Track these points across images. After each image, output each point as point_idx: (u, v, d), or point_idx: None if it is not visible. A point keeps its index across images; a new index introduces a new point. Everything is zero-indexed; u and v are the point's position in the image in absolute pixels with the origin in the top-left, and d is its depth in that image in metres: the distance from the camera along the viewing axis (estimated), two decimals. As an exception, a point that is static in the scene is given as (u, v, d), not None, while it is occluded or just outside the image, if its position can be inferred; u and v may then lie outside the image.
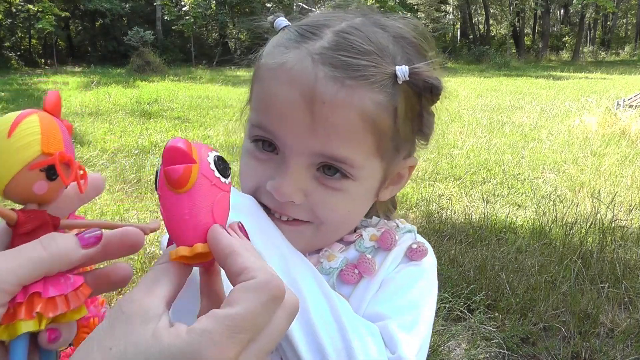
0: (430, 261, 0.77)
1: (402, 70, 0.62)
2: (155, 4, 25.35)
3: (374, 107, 0.62)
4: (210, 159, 0.42)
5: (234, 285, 0.39)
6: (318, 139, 0.62)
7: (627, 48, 36.49)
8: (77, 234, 0.42)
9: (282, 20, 0.73)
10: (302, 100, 0.61)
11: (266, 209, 0.68)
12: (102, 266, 0.48)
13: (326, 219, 0.67)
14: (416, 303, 0.70)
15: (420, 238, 0.80)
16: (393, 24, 0.68)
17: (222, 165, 0.43)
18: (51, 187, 0.42)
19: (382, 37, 0.65)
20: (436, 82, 0.64)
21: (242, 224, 0.45)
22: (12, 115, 0.42)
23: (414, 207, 4.51)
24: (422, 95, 0.66)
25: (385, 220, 0.80)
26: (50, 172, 0.42)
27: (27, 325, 0.40)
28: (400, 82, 0.63)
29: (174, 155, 0.41)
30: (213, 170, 0.42)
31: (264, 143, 0.67)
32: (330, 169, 0.65)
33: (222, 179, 0.43)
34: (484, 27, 38.34)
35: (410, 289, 0.71)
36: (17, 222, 0.42)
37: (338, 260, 0.72)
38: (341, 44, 0.63)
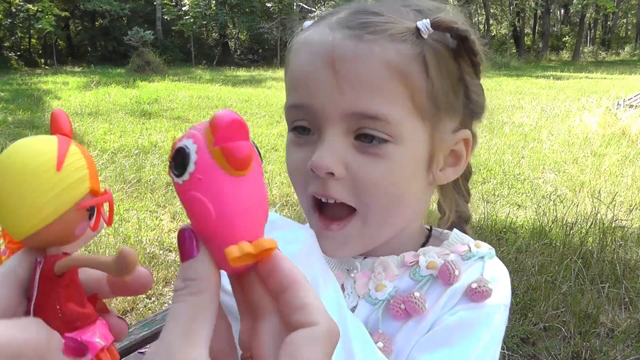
0: (496, 302, 0.63)
1: (424, 23, 0.59)
2: (155, 3, 25.35)
3: (399, 56, 0.58)
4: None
5: (287, 318, 0.34)
6: (346, 98, 0.58)
7: (627, 48, 36.48)
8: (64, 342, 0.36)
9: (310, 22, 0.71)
10: (324, 64, 0.59)
11: (315, 204, 0.63)
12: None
13: (371, 195, 0.60)
14: (466, 356, 0.59)
15: (494, 267, 0.67)
16: (417, 3, 0.66)
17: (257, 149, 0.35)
18: (87, 229, 0.37)
19: (401, 6, 0.63)
20: (463, 29, 0.59)
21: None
22: (49, 143, 0.36)
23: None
24: (457, 54, 0.61)
25: (457, 238, 0.72)
26: (91, 212, 0.37)
27: None
28: (425, 37, 0.59)
29: (236, 130, 0.32)
30: (259, 153, 0.35)
31: (302, 130, 0.64)
32: (367, 136, 0.59)
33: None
34: (484, 27, 38.34)
35: (462, 339, 0.60)
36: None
37: (387, 291, 0.64)
38: (359, 9, 0.63)
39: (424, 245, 0.71)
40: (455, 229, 0.74)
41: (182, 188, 0.33)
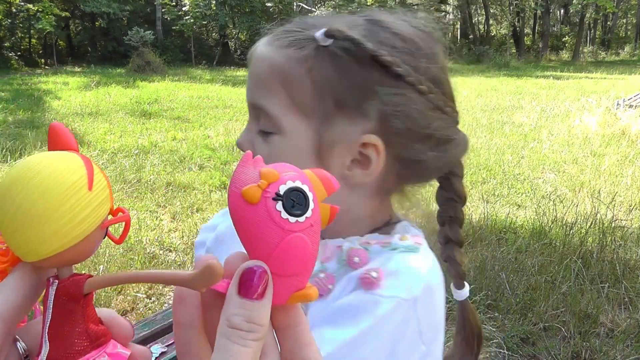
0: (388, 294, 0.61)
1: (320, 32, 0.64)
2: (155, 3, 25.35)
3: (283, 59, 0.66)
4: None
5: (292, 354, 0.33)
6: (250, 92, 0.70)
7: (627, 48, 36.47)
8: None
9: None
10: (249, 65, 0.72)
11: None
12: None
13: None
14: (342, 336, 0.59)
15: (402, 261, 0.66)
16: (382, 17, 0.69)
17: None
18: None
19: (344, 18, 0.68)
20: (351, 37, 0.62)
21: None
22: (74, 161, 0.36)
23: (414, 207, 4.51)
24: (362, 62, 0.63)
25: (401, 228, 0.72)
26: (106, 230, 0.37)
27: None
28: (324, 44, 0.64)
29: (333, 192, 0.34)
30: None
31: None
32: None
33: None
34: (484, 27, 38.33)
35: (344, 320, 0.60)
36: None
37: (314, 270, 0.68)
38: (297, 22, 0.70)
39: (374, 231, 0.72)
40: (405, 221, 0.75)
41: (288, 226, 0.32)
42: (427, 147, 0.67)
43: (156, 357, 1.11)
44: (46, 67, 22.06)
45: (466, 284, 0.77)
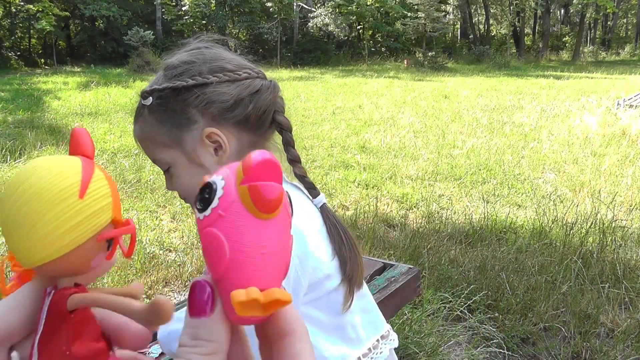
0: None
1: (142, 99, 0.95)
2: (155, 3, 25.34)
3: (139, 130, 0.98)
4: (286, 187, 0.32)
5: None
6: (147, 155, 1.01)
7: (627, 48, 36.46)
8: None
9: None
10: None
11: None
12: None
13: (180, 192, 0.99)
14: None
15: None
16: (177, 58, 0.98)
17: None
18: (103, 260, 0.35)
19: (155, 77, 0.98)
20: (155, 87, 0.93)
21: None
22: (72, 166, 0.34)
23: (414, 207, 4.51)
24: (170, 95, 0.92)
25: None
26: (109, 243, 0.35)
27: None
28: (147, 104, 0.94)
29: (267, 170, 0.31)
30: (291, 205, 0.34)
31: None
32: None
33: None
34: (484, 27, 38.33)
35: None
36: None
37: None
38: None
39: None
40: None
41: (201, 223, 0.31)
42: (245, 105, 0.92)
43: (156, 358, 1.11)
44: (46, 67, 22.05)
45: (321, 192, 0.96)
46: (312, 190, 0.95)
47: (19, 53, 23.54)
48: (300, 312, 0.68)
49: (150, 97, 0.93)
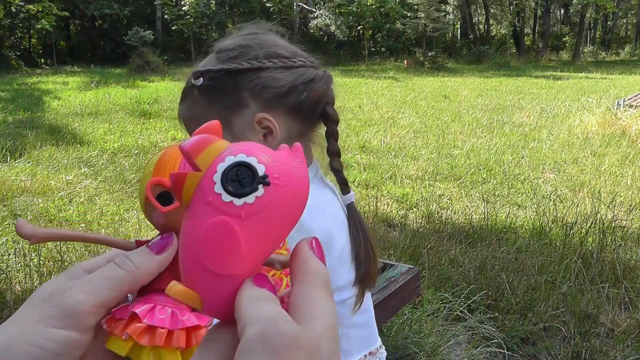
0: None
1: (191, 78, 0.93)
2: (155, 3, 25.34)
3: (187, 110, 0.97)
4: (220, 168, 0.29)
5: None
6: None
7: (627, 48, 36.44)
8: (145, 244, 0.40)
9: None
10: None
11: None
12: None
13: None
14: None
15: None
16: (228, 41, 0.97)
17: (238, 179, 0.29)
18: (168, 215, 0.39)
19: (206, 59, 0.96)
20: (210, 68, 0.91)
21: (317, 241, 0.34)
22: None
23: (414, 207, 4.51)
24: (224, 77, 0.91)
25: None
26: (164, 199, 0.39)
27: (113, 344, 0.38)
28: (198, 84, 0.92)
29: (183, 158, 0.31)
30: (214, 183, 0.29)
31: None
32: None
33: (234, 200, 0.28)
34: (484, 27, 38.32)
35: None
36: None
37: None
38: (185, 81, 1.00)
39: None
40: None
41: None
42: (298, 93, 0.91)
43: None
44: (46, 67, 22.04)
45: (351, 190, 0.96)
46: (344, 186, 0.96)
47: (19, 53, 23.53)
48: None
49: (201, 78, 0.92)
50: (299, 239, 0.75)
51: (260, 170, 0.28)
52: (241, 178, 0.28)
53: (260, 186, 0.28)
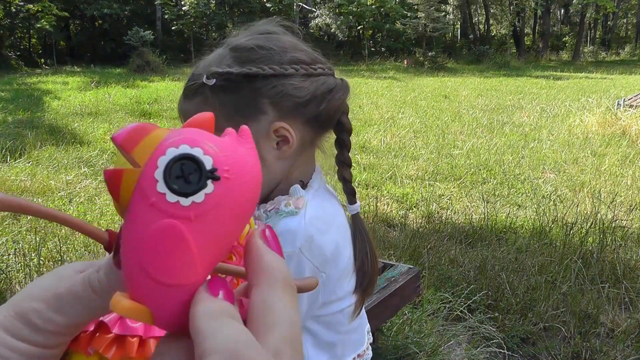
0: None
1: (204, 78, 0.85)
2: (155, 3, 25.34)
3: (194, 107, 0.88)
4: (161, 163, 0.25)
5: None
6: None
7: (627, 48, 36.45)
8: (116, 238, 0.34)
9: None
10: None
11: None
12: None
13: None
14: None
15: (280, 226, 0.84)
16: (242, 38, 0.90)
17: (183, 175, 0.25)
18: None
19: (217, 55, 0.89)
20: (228, 71, 0.84)
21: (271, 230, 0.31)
22: None
23: (414, 207, 4.51)
24: (241, 81, 0.85)
25: (293, 192, 0.90)
26: None
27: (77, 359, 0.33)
28: (211, 84, 0.85)
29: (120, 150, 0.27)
30: (156, 181, 0.25)
31: None
32: None
33: (180, 200, 0.25)
34: (484, 27, 38.33)
35: None
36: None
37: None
38: (188, 77, 0.91)
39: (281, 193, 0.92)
40: (296, 185, 0.91)
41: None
42: (318, 102, 0.88)
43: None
44: (46, 67, 22.04)
45: (357, 200, 0.95)
46: (351, 197, 0.94)
47: (19, 53, 23.52)
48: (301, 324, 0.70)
49: (214, 79, 0.86)
50: (311, 257, 0.77)
51: (208, 163, 0.25)
52: (187, 173, 0.25)
53: (209, 181, 0.25)
